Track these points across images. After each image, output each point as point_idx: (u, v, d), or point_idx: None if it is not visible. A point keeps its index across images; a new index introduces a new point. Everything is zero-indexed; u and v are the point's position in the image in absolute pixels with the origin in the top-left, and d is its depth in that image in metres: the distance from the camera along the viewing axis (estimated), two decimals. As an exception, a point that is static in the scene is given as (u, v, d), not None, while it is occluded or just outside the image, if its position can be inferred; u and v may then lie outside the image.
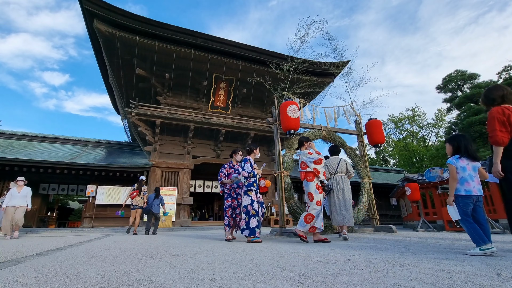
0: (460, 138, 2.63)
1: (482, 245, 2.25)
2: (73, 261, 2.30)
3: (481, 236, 2.29)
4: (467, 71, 22.75)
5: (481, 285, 1.27)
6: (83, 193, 14.86)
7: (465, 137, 2.63)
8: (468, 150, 2.55)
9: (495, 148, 2.37)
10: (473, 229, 2.35)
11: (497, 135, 2.32)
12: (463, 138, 2.63)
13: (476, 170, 2.52)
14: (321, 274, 1.56)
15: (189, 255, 2.58)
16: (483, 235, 2.29)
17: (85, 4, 11.23)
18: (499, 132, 2.31)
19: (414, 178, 11.49)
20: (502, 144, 2.32)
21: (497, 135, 2.32)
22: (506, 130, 2.31)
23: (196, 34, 13.00)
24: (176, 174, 14.09)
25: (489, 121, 2.43)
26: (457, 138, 2.66)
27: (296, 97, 6.84)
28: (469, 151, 2.55)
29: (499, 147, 2.34)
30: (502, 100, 2.46)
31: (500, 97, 2.47)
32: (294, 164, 6.39)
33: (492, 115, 2.40)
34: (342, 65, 9.48)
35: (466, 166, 2.50)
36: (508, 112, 2.33)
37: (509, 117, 2.31)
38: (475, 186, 2.44)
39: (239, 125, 14.85)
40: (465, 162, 2.52)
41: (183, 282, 1.42)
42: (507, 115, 2.32)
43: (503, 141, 2.31)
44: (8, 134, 14.95)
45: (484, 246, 2.24)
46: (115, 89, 14.27)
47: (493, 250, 2.20)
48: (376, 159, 35.10)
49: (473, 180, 2.46)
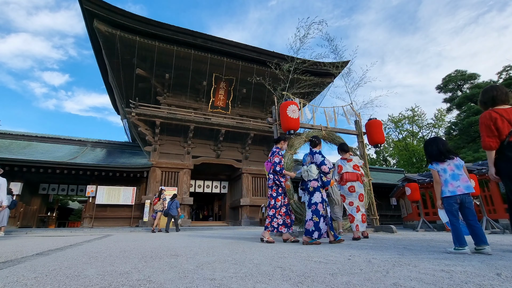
0: (428, 145, 2.72)
1: (457, 246, 2.39)
2: (73, 261, 2.30)
3: (459, 237, 2.39)
4: (467, 71, 22.75)
5: (481, 285, 1.27)
6: (83, 193, 14.87)
7: (435, 141, 2.70)
8: (441, 151, 2.61)
9: (487, 152, 2.44)
10: (454, 230, 2.45)
11: (484, 140, 2.39)
12: (432, 142, 2.70)
13: (460, 167, 2.55)
14: (321, 274, 1.56)
15: (189, 255, 2.58)
16: (461, 237, 2.38)
17: (85, 4, 11.24)
18: (486, 137, 2.37)
19: (414, 178, 11.48)
20: (491, 149, 2.37)
21: (485, 141, 2.38)
22: (493, 135, 2.33)
23: (196, 34, 13.01)
24: (176, 174, 14.10)
25: (479, 126, 2.50)
26: (426, 145, 2.76)
27: (296, 97, 6.84)
28: (441, 152, 2.60)
29: (490, 151, 2.40)
30: (493, 101, 2.46)
31: (491, 99, 2.47)
32: (294, 164, 6.38)
33: (481, 120, 2.45)
34: (342, 65, 9.48)
35: (447, 167, 2.57)
36: (495, 116, 2.33)
37: (496, 121, 2.32)
38: (459, 185, 2.47)
39: (239, 125, 14.85)
40: (445, 163, 2.58)
41: (183, 282, 1.42)
42: (493, 120, 2.33)
43: (491, 146, 2.35)
44: (8, 134, 14.95)
45: (458, 247, 2.37)
46: (115, 89, 14.28)
47: (465, 251, 2.32)
48: (376, 159, 35.09)
49: (458, 179, 2.50)
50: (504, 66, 20.52)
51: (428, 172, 13.11)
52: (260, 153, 16.30)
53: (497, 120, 2.31)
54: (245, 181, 15.18)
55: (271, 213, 4.11)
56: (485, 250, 2.28)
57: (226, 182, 17.60)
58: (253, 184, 15.43)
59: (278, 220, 4.06)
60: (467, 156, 17.46)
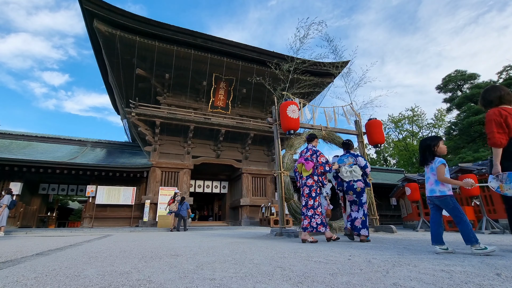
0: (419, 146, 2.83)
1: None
2: (73, 261, 2.30)
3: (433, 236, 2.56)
4: (467, 71, 22.76)
5: (481, 285, 1.27)
6: (83, 193, 14.86)
7: (421, 142, 2.78)
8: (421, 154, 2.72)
9: (494, 149, 2.37)
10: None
11: (494, 137, 2.32)
12: (420, 144, 2.79)
13: (433, 169, 2.61)
14: (321, 274, 1.56)
15: (189, 255, 2.58)
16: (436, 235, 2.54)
17: (85, 4, 11.23)
18: (496, 134, 2.31)
19: (414, 178, 11.48)
20: (501, 146, 2.32)
21: (495, 137, 2.32)
22: (504, 132, 2.31)
23: (196, 34, 13.00)
24: (176, 174, 14.09)
25: (487, 123, 2.43)
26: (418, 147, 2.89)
27: (296, 97, 6.83)
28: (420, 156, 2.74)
29: (498, 148, 2.34)
30: (500, 101, 2.45)
31: (498, 98, 2.46)
32: (294, 164, 6.38)
33: (489, 117, 2.40)
34: (342, 65, 9.47)
35: (426, 171, 2.69)
36: (505, 113, 2.33)
37: (506, 119, 2.31)
38: (427, 188, 2.64)
39: (239, 125, 14.85)
40: (426, 168, 2.69)
41: (183, 282, 1.42)
42: (504, 117, 2.32)
43: (501, 143, 2.31)
44: (8, 134, 14.95)
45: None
46: (115, 89, 14.27)
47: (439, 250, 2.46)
48: (377, 159, 35.10)
49: (427, 182, 2.64)
50: (504, 66, 20.55)
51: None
52: (260, 153, 16.30)
53: (507, 118, 2.30)
54: (245, 181, 15.18)
55: (310, 214, 4.02)
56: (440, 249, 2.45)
57: (226, 182, 17.60)
58: (253, 184, 15.43)
59: (316, 219, 4.00)
60: (467, 156, 17.46)
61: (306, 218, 4.02)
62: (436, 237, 2.53)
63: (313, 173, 4.13)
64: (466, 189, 7.87)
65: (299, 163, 4.28)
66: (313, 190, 4.08)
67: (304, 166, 4.18)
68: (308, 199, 4.07)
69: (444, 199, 2.50)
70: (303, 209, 4.11)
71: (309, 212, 4.02)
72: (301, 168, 4.23)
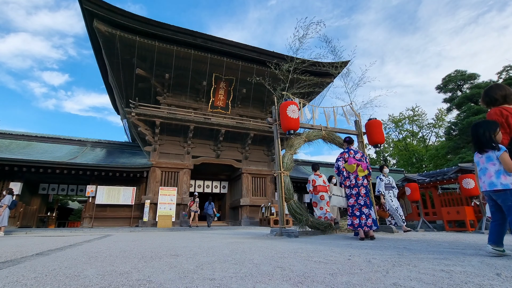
0: (471, 130, 2.35)
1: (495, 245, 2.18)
2: (73, 261, 2.30)
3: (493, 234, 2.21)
4: (466, 71, 22.76)
5: (480, 285, 1.27)
6: (82, 193, 14.86)
7: (476, 126, 2.31)
8: (477, 140, 2.26)
9: None
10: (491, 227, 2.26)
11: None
12: (473, 128, 2.32)
13: (492, 159, 2.18)
14: (321, 274, 1.56)
15: (189, 255, 2.58)
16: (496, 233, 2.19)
17: (85, 4, 11.23)
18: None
19: (414, 178, 11.47)
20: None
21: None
22: (505, 132, 2.31)
23: (196, 34, 13.00)
24: (176, 174, 14.09)
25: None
26: (470, 131, 2.36)
27: (296, 97, 6.83)
28: (475, 142, 2.29)
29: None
30: (504, 100, 2.43)
31: (503, 97, 2.43)
32: (294, 164, 6.38)
33: (490, 117, 2.40)
34: (341, 65, 9.46)
35: (479, 160, 2.30)
36: (507, 113, 2.33)
37: (508, 118, 2.30)
38: (485, 181, 2.23)
39: (239, 125, 14.85)
40: (478, 156, 2.31)
41: (183, 282, 1.42)
42: (505, 116, 2.31)
43: (503, 143, 2.31)
44: (8, 134, 14.93)
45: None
46: (115, 89, 14.27)
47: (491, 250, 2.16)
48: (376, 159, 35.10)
49: (484, 175, 2.24)
50: (504, 66, 20.56)
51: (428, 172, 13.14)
52: (260, 153, 16.30)
53: (508, 117, 2.29)
54: (245, 181, 15.18)
55: (371, 212, 4.39)
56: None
57: (226, 182, 17.60)
58: (253, 184, 15.43)
59: (373, 216, 4.37)
60: (467, 156, 17.46)
61: (369, 216, 4.31)
62: (496, 235, 2.17)
63: (369, 173, 4.51)
64: (466, 189, 7.86)
65: (351, 163, 4.49)
66: (369, 190, 4.47)
67: (360, 166, 4.47)
68: (366, 199, 4.39)
69: (504, 193, 2.09)
70: (363, 208, 4.36)
71: (371, 211, 4.36)
72: (354, 169, 4.46)
